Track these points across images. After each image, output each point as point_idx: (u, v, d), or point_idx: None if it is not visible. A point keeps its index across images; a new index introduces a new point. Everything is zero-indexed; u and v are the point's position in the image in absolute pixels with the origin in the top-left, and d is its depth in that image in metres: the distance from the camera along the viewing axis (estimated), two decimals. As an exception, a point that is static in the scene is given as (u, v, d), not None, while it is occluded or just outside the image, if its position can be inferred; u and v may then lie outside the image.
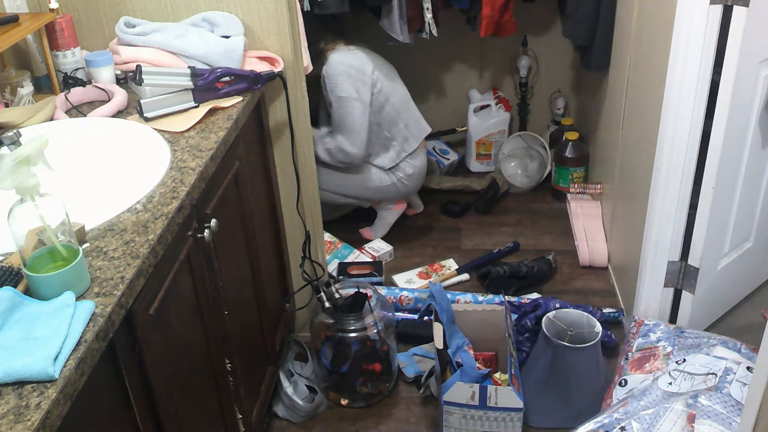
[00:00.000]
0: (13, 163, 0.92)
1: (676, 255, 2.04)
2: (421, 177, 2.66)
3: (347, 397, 2.05)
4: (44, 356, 0.87)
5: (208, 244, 1.40)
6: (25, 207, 0.95)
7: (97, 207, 1.20)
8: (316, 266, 2.11)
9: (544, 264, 2.49)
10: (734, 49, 1.72)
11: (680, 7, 1.73)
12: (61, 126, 1.51)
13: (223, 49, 1.68)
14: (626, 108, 2.29)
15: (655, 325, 2.01)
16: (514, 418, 1.82)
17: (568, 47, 3.01)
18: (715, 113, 1.82)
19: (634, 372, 1.87)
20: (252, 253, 1.75)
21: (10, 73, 1.61)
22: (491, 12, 2.57)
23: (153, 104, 1.55)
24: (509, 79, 3.17)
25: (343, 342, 1.97)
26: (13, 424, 0.80)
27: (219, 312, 1.49)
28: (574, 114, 3.18)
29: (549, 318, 1.97)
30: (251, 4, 1.77)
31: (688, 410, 1.62)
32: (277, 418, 2.01)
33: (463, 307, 2.08)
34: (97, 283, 1.03)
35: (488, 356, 2.04)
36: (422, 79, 3.13)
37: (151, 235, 1.13)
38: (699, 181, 1.92)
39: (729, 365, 1.74)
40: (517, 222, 2.85)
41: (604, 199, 2.71)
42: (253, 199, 1.75)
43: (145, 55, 1.70)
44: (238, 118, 1.58)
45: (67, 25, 1.68)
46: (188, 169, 1.34)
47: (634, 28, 2.17)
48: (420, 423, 1.99)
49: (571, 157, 2.88)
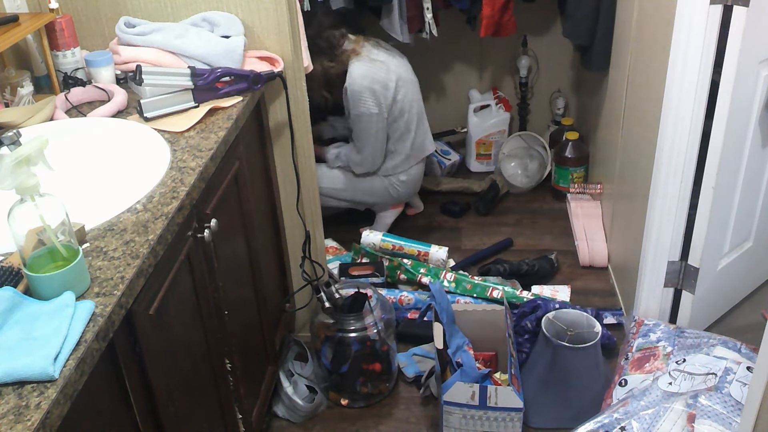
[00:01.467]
0: (13, 163, 0.92)
1: (676, 255, 2.04)
2: (416, 184, 2.65)
3: (347, 397, 2.05)
4: (44, 356, 0.87)
5: (208, 244, 1.40)
6: (25, 207, 0.95)
7: (97, 207, 1.20)
8: (316, 266, 2.11)
9: (546, 263, 2.49)
10: (734, 49, 1.72)
11: (680, 7, 1.72)
12: (61, 126, 1.51)
13: (223, 49, 1.68)
14: (626, 108, 2.29)
15: (655, 325, 2.01)
16: (514, 418, 1.82)
17: (568, 47, 3.01)
18: (715, 113, 1.82)
19: (634, 372, 1.87)
20: (252, 253, 1.75)
21: (10, 73, 1.61)
22: (491, 12, 2.57)
23: (153, 104, 1.55)
24: (509, 79, 3.17)
25: (343, 342, 1.97)
26: (13, 424, 0.80)
27: (219, 312, 1.49)
28: (574, 114, 3.18)
29: (549, 318, 1.98)
30: (251, 4, 1.77)
31: (688, 410, 1.63)
32: (277, 418, 2.01)
33: (463, 307, 2.08)
34: (97, 283, 1.03)
35: (488, 356, 2.05)
36: (422, 79, 3.10)
37: (151, 235, 1.13)
38: (699, 181, 1.92)
39: (729, 365, 1.74)
40: (517, 222, 2.85)
41: (604, 199, 2.71)
42: (253, 199, 1.75)
43: (145, 55, 1.70)
44: (238, 118, 1.58)
45: (67, 25, 1.68)
46: (188, 169, 1.34)
47: (634, 28, 2.17)
48: (420, 423, 1.99)
49: (571, 157, 2.88)
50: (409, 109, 2.44)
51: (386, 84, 2.36)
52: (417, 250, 2.48)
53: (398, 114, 2.42)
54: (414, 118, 2.47)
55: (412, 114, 2.46)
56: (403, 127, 2.46)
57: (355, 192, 2.57)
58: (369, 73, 2.33)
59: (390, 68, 2.38)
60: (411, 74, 2.50)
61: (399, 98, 2.40)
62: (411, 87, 2.46)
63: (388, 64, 2.39)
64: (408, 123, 2.46)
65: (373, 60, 2.37)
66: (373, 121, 2.37)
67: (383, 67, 2.37)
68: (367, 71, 2.33)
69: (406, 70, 2.47)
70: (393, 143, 2.48)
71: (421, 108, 2.54)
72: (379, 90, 2.34)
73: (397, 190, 2.58)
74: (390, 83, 2.36)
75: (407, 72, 2.47)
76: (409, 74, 2.48)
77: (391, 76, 2.37)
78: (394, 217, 2.75)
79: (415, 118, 2.48)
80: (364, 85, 2.32)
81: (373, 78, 2.33)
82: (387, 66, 2.38)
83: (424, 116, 2.55)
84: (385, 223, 2.73)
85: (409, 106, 2.44)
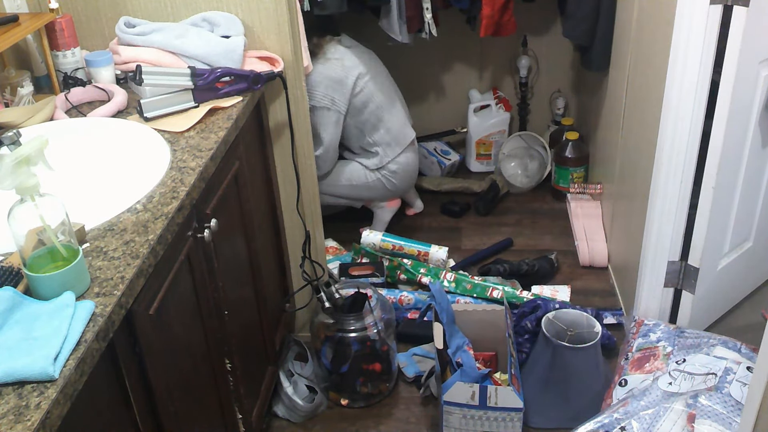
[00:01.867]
0: (13, 163, 0.92)
1: (676, 255, 2.04)
2: (410, 174, 2.66)
3: (347, 397, 2.05)
4: (44, 356, 0.87)
5: (208, 244, 1.40)
6: (25, 207, 0.95)
7: (97, 207, 1.20)
8: (316, 266, 2.11)
9: (546, 263, 2.49)
10: (734, 49, 1.72)
11: (680, 7, 1.73)
12: (61, 126, 1.51)
13: (223, 49, 1.68)
14: (626, 108, 2.29)
15: (655, 325, 2.01)
16: (514, 418, 1.82)
17: (568, 47, 3.01)
18: (715, 113, 1.82)
19: (634, 372, 1.87)
20: (252, 253, 1.75)
21: (10, 73, 1.61)
22: (491, 12, 2.57)
23: (153, 104, 1.55)
24: (509, 79, 3.17)
25: (343, 342, 1.97)
26: (13, 424, 0.80)
27: (219, 312, 1.49)
28: (574, 114, 3.18)
29: (549, 318, 1.98)
30: (251, 4, 1.77)
31: (688, 410, 1.63)
32: (277, 418, 2.01)
33: (463, 307, 2.08)
34: (97, 283, 1.03)
35: (488, 356, 2.04)
36: (422, 80, 3.13)
37: (151, 235, 1.13)
38: (699, 181, 1.92)
39: (729, 365, 1.74)
40: (517, 222, 2.85)
41: (604, 199, 2.71)
42: (253, 199, 1.75)
43: (145, 55, 1.70)
44: (238, 118, 1.58)
45: (67, 25, 1.68)
46: (188, 169, 1.34)
47: (634, 28, 2.17)
48: (420, 423, 1.99)
49: (571, 157, 2.88)
50: (372, 99, 2.50)
51: (341, 80, 2.42)
52: (417, 250, 2.48)
53: (361, 106, 2.48)
54: (382, 107, 2.52)
55: (377, 104, 2.51)
56: (373, 118, 2.51)
57: (351, 188, 2.59)
58: (323, 70, 2.42)
59: (345, 64, 2.45)
60: (374, 66, 2.56)
61: (357, 91, 2.46)
62: (373, 78, 2.51)
63: (344, 61, 2.46)
64: (376, 113, 2.51)
65: (328, 59, 2.46)
66: (325, 116, 2.43)
67: (338, 64, 2.45)
68: (321, 69, 2.42)
69: (368, 62, 2.53)
70: (368, 134, 2.53)
71: (392, 97, 2.58)
72: (332, 86, 2.41)
73: (392, 182, 2.60)
74: (346, 79, 2.43)
75: (368, 64, 2.53)
76: (370, 66, 2.53)
77: (348, 72, 2.44)
78: (392, 214, 2.75)
79: (384, 107, 2.53)
80: (318, 80, 2.40)
81: (328, 75, 2.41)
82: (342, 63, 2.45)
83: (396, 104, 2.59)
84: (383, 220, 2.74)
85: (371, 96, 2.49)
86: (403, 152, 2.59)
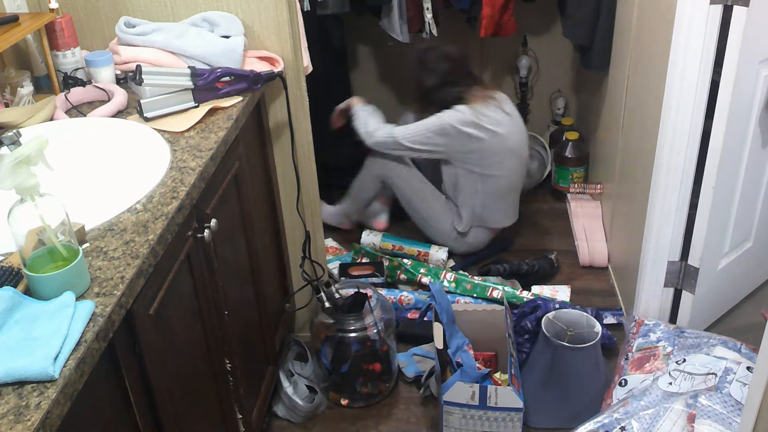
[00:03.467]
0: (13, 163, 0.92)
1: (676, 255, 2.04)
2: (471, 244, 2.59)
3: (347, 397, 2.05)
4: (44, 356, 0.87)
5: (208, 244, 1.40)
6: (25, 207, 0.95)
7: (97, 207, 1.20)
8: (316, 266, 2.11)
9: (546, 263, 2.49)
10: (734, 49, 1.72)
11: (680, 7, 1.73)
12: (61, 126, 1.51)
13: (223, 49, 1.68)
14: (626, 108, 2.29)
15: (655, 325, 2.01)
16: (514, 418, 1.82)
17: (568, 47, 3.01)
18: (715, 113, 1.82)
19: (634, 372, 1.87)
20: (252, 253, 1.75)
21: (10, 73, 1.61)
22: (491, 12, 2.57)
23: (153, 104, 1.55)
24: (509, 79, 3.17)
25: (343, 342, 1.97)
26: (13, 424, 0.80)
27: (219, 312, 1.49)
28: (574, 114, 3.18)
29: (549, 318, 1.97)
30: (251, 4, 1.77)
31: (688, 410, 1.62)
32: (277, 418, 2.01)
33: (463, 307, 2.09)
34: (97, 283, 1.03)
35: (488, 356, 2.04)
36: (422, 79, 3.13)
37: (151, 235, 1.13)
38: (699, 181, 1.92)
39: (729, 365, 1.74)
40: (517, 222, 2.84)
41: (604, 199, 2.71)
42: (253, 199, 1.75)
43: (145, 55, 1.70)
44: (238, 118, 1.58)
45: (67, 25, 1.68)
46: (188, 169, 1.34)
47: (634, 28, 2.17)
48: (420, 423, 1.99)
49: (571, 157, 2.88)
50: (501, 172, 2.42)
51: (478, 126, 2.35)
52: (417, 250, 2.48)
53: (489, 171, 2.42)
54: (506, 183, 2.46)
55: (505, 179, 2.44)
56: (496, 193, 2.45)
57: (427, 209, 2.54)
58: (473, 118, 2.34)
59: (497, 131, 2.37)
60: (517, 146, 2.46)
61: (474, 148, 2.38)
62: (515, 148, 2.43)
63: (501, 125, 2.38)
64: (501, 188, 2.46)
65: (486, 115, 2.36)
66: (438, 126, 2.36)
67: (492, 121, 2.37)
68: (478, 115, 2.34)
69: (516, 141, 2.44)
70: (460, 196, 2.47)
71: (511, 183, 2.50)
72: (463, 128, 2.34)
73: (454, 229, 2.53)
74: (480, 133, 2.35)
75: (513, 142, 2.43)
76: (514, 144, 2.43)
77: (490, 130, 2.36)
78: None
79: (504, 185, 2.46)
80: (468, 120, 2.34)
81: (472, 121, 2.35)
82: (499, 122, 2.37)
83: (507, 198, 2.52)
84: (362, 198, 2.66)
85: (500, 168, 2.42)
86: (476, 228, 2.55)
